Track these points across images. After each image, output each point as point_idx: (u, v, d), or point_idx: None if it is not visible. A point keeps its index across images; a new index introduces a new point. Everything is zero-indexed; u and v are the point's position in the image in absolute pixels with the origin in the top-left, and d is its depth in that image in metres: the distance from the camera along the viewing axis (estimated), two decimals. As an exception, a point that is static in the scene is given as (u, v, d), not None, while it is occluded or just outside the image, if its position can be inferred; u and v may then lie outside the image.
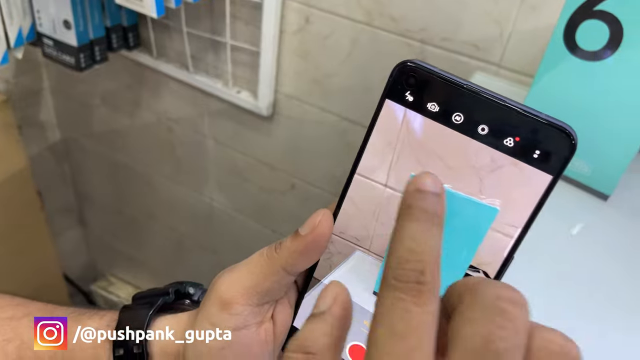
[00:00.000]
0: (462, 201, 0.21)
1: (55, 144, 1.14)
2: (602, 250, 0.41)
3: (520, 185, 0.20)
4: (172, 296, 0.30)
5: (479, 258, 0.22)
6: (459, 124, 0.20)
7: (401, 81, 0.21)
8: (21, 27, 0.74)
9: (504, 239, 0.21)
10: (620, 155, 0.42)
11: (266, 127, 0.84)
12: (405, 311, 0.15)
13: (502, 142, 0.20)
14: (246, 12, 0.73)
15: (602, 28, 0.39)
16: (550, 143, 0.19)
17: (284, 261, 0.24)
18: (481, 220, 0.21)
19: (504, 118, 0.19)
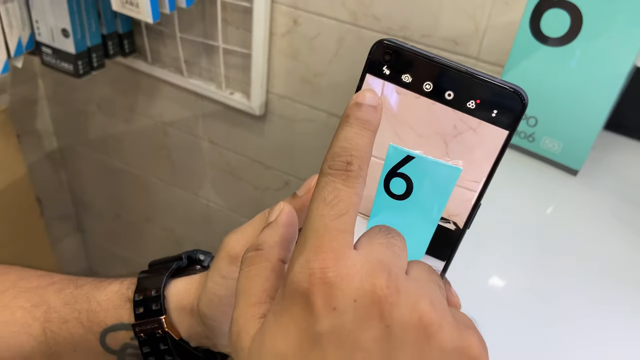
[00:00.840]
0: (431, 164, 0.25)
1: (52, 152, 1.16)
2: (574, 221, 0.45)
3: (481, 144, 0.23)
4: (185, 261, 0.34)
5: (449, 211, 0.26)
6: (429, 91, 0.23)
7: (378, 57, 0.23)
8: (20, 37, 0.77)
9: (468, 192, 0.25)
10: (587, 133, 0.46)
11: (259, 126, 0.87)
12: (335, 188, 0.19)
13: (465, 104, 0.23)
14: (237, 16, 0.77)
15: (564, 16, 0.43)
16: (505, 103, 0.22)
17: None
18: (448, 179, 0.24)
19: (466, 84, 0.22)
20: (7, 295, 0.34)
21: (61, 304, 0.33)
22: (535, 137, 0.48)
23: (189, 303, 0.30)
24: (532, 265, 0.41)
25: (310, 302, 0.17)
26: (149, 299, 0.31)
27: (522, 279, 0.40)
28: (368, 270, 0.18)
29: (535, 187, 0.47)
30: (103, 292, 0.33)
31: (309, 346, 0.17)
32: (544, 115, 0.47)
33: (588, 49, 0.43)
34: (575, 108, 0.45)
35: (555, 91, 0.46)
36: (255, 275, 0.20)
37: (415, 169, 0.25)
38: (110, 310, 0.32)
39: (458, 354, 0.18)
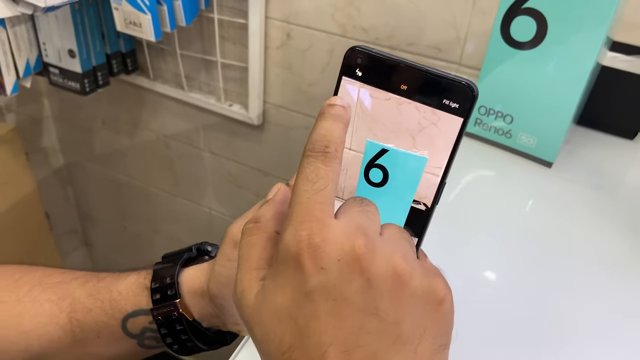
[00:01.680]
0: (402, 155, 0.29)
1: (59, 169, 1.21)
2: (551, 209, 0.48)
3: (442, 135, 0.27)
4: (194, 252, 0.37)
5: (419, 194, 0.30)
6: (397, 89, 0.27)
7: (352, 62, 0.27)
8: (28, 59, 0.81)
9: (433, 177, 0.29)
10: (558, 127, 0.50)
11: (257, 135, 0.91)
12: (316, 167, 0.23)
13: (427, 98, 0.27)
14: (233, 32, 0.81)
15: (531, 22, 0.47)
16: (459, 94, 0.26)
17: None
18: (417, 167, 0.28)
19: (427, 81, 0.26)
20: (35, 291, 0.38)
21: (85, 295, 0.37)
22: (512, 134, 0.53)
23: (199, 287, 0.34)
24: (514, 253, 0.44)
25: (301, 264, 0.21)
26: (164, 286, 0.34)
27: (506, 267, 0.43)
28: (348, 233, 0.22)
29: (515, 178, 0.51)
30: (123, 283, 0.36)
31: (302, 300, 0.21)
32: (518, 113, 0.51)
33: (554, 51, 0.47)
34: (546, 105, 0.50)
35: (527, 91, 0.50)
36: (254, 244, 0.24)
37: (390, 160, 0.29)
38: (130, 298, 0.36)
39: (427, 296, 0.22)
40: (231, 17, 0.79)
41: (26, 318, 0.37)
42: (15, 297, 0.37)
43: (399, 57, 0.27)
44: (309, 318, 0.21)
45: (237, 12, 0.79)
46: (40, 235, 1.11)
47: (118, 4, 0.69)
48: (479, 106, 0.53)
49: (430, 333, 0.21)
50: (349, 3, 0.72)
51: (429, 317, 0.21)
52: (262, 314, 0.22)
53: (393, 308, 0.21)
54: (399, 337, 0.21)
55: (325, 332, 0.20)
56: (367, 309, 0.21)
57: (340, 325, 0.20)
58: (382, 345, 0.20)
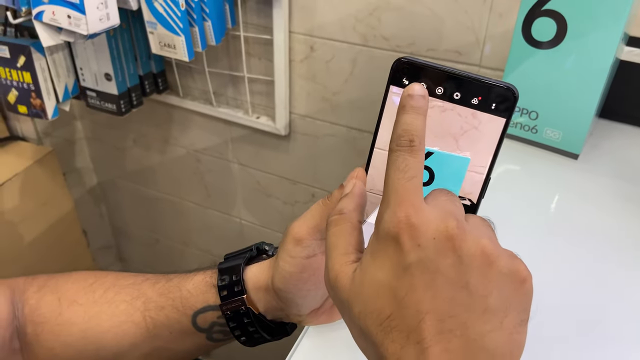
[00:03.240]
0: (446, 157, 0.31)
1: (93, 188, 1.25)
2: (579, 199, 0.51)
3: (484, 136, 0.29)
4: (255, 251, 0.40)
5: (464, 191, 0.32)
6: (441, 94, 0.29)
7: (398, 71, 0.29)
8: (67, 84, 0.86)
9: (478, 175, 0.31)
10: (582, 120, 0.52)
11: (284, 145, 0.95)
12: (405, 159, 0.26)
13: (470, 101, 0.29)
14: (259, 48, 0.85)
15: (551, 23, 0.50)
16: (501, 97, 0.28)
17: (334, 206, 0.31)
18: (460, 167, 0.31)
19: (469, 86, 0.29)
20: (110, 293, 0.41)
21: (156, 294, 0.40)
22: (538, 129, 0.55)
23: (264, 283, 0.37)
24: (545, 245, 0.47)
25: (400, 242, 0.24)
26: (231, 283, 0.38)
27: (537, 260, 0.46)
28: (441, 216, 0.24)
29: (542, 171, 0.54)
30: (191, 282, 0.40)
31: (402, 274, 0.24)
32: (543, 109, 0.54)
33: (574, 49, 0.50)
34: (569, 100, 0.52)
35: (551, 87, 0.53)
36: (341, 233, 0.27)
37: (435, 162, 0.31)
38: (199, 295, 0.39)
39: (512, 275, 0.24)
40: (256, 34, 0.83)
41: (103, 318, 0.40)
42: (91, 299, 0.41)
43: (442, 65, 0.29)
44: (407, 290, 0.23)
45: (262, 29, 0.82)
46: (78, 252, 1.16)
47: (153, 28, 0.73)
48: (504, 105, 0.56)
49: (514, 308, 0.24)
50: (369, 14, 0.75)
51: (513, 294, 0.24)
52: (362, 290, 0.24)
53: (482, 283, 0.23)
54: (486, 310, 0.23)
55: (422, 302, 0.23)
56: (459, 282, 0.23)
57: (435, 296, 0.23)
58: (472, 316, 0.23)
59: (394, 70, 0.30)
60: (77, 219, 1.11)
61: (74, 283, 0.42)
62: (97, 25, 0.67)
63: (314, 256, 0.34)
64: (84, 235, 1.15)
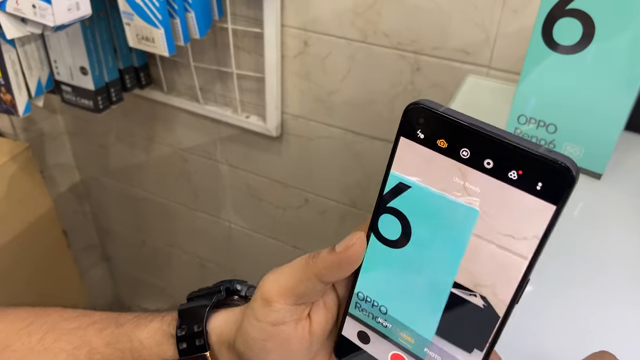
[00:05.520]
0: (433, 198, 0.22)
1: (75, 185, 1.19)
2: (602, 225, 0.45)
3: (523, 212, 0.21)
4: (223, 293, 0.34)
5: (475, 278, 0.21)
6: (466, 159, 0.21)
7: (412, 121, 0.22)
8: (40, 77, 0.79)
9: (505, 254, 0.21)
10: (607, 136, 0.46)
11: (276, 147, 0.88)
12: None
13: (507, 174, 0.20)
14: (248, 42, 0.78)
15: (576, 24, 0.43)
16: (551, 175, 0.20)
17: (318, 271, 0.26)
18: (460, 223, 0.21)
19: (507, 153, 0.20)
20: (49, 338, 0.35)
21: (103, 344, 0.34)
22: (556, 144, 0.49)
23: (228, 338, 0.31)
24: (561, 273, 0.41)
25: None
26: (192, 334, 0.31)
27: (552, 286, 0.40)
28: None
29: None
30: (145, 330, 0.33)
31: None
32: (563, 122, 0.48)
33: (602, 54, 0.43)
34: (593, 112, 0.46)
35: (572, 97, 0.46)
36: None
37: (413, 204, 0.22)
38: (154, 347, 0.32)
39: None
40: (246, 26, 0.76)
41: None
42: (27, 345, 0.34)
43: (472, 119, 0.21)
44: None
45: (252, 21, 0.76)
46: (58, 253, 1.10)
47: (130, 19, 0.66)
48: (519, 115, 0.49)
49: None
50: (368, 7, 0.68)
51: None
52: None
53: None
54: None
55: None
56: None
57: None
58: None
59: (406, 119, 0.22)
60: (57, 218, 1.05)
61: (9, 324, 0.36)
62: (65, 15, 0.60)
63: (284, 324, 0.28)
64: (64, 236, 1.09)
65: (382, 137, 0.78)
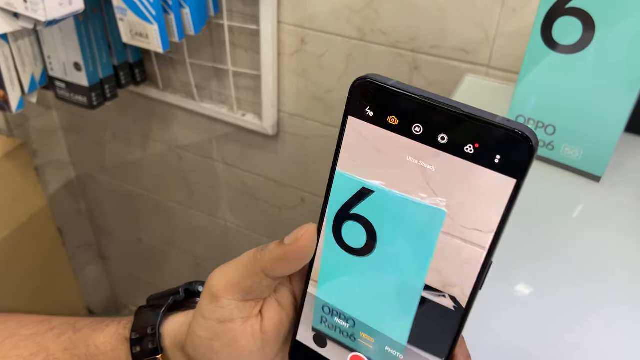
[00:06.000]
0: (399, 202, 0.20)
1: (70, 182, 1.18)
2: (603, 229, 0.44)
3: (483, 189, 0.19)
4: (182, 295, 0.32)
5: (443, 278, 0.20)
6: (419, 136, 0.20)
7: (359, 98, 0.21)
8: (33, 73, 0.78)
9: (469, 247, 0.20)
10: (607, 138, 0.45)
11: (272, 145, 0.87)
12: None
13: (462, 149, 0.19)
14: (244, 39, 0.77)
15: (576, 23, 0.42)
16: (509, 147, 0.18)
17: (264, 265, 0.25)
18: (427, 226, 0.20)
19: (462, 126, 0.19)
20: (6, 346, 0.33)
21: (60, 349, 0.32)
22: (555, 145, 0.48)
23: (181, 341, 0.29)
24: (560, 275, 0.40)
25: None
26: (145, 337, 0.30)
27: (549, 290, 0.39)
28: None
29: (558, 194, 0.47)
30: (101, 335, 0.32)
31: None
32: (562, 123, 0.47)
33: (602, 54, 0.42)
34: (593, 114, 0.45)
35: (571, 98, 0.45)
36: None
37: (377, 210, 0.21)
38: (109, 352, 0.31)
39: None
40: (242, 23, 0.75)
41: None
42: None
43: (423, 92, 0.20)
44: None
45: (248, 18, 0.74)
46: (53, 251, 1.09)
47: (123, 14, 0.65)
48: (517, 116, 0.48)
49: None
50: (366, 5, 0.67)
51: None
52: None
53: None
54: None
55: None
56: None
57: None
58: None
59: (353, 96, 0.21)
60: (51, 216, 1.04)
61: None
62: (56, 10, 0.59)
63: (231, 322, 0.26)
64: (59, 233, 1.08)
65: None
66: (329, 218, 0.22)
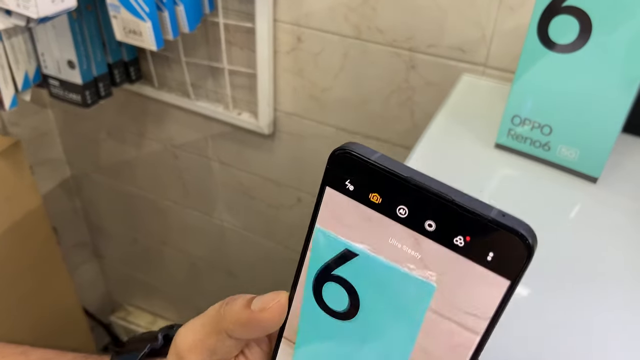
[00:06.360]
0: (383, 269, 0.19)
1: (65, 181, 1.17)
2: (600, 230, 0.43)
3: (473, 283, 0.18)
4: (160, 341, 0.31)
5: (430, 357, 0.19)
6: (404, 218, 0.18)
7: (339, 169, 0.19)
8: (27, 71, 0.78)
9: (465, 334, 0.18)
10: (604, 138, 0.44)
11: (268, 145, 0.86)
12: None
13: (452, 240, 0.17)
14: (240, 37, 0.76)
15: (572, 22, 0.41)
16: (504, 246, 0.17)
17: (227, 325, 0.23)
18: (414, 299, 0.18)
19: (453, 214, 0.17)
20: None
21: None
22: (551, 146, 0.47)
23: None
24: (556, 277, 0.39)
25: None
26: None
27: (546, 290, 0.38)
28: None
29: (554, 196, 0.46)
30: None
31: None
32: (558, 123, 0.46)
33: (600, 54, 0.42)
34: (590, 114, 0.44)
35: (569, 98, 0.44)
36: None
37: (361, 274, 0.19)
38: None
39: None
40: (237, 21, 0.74)
41: None
42: None
43: (411, 170, 0.18)
44: None
45: (244, 16, 0.74)
46: (47, 250, 1.08)
47: (117, 11, 0.64)
48: (513, 115, 0.48)
49: None
50: (363, 2, 0.66)
51: None
52: None
53: None
54: None
55: None
56: None
57: None
58: None
59: (332, 166, 0.19)
60: (46, 215, 1.04)
61: None
62: (49, 7, 0.58)
63: None
64: (54, 232, 1.07)
65: (376, 136, 0.76)
66: (309, 276, 0.21)
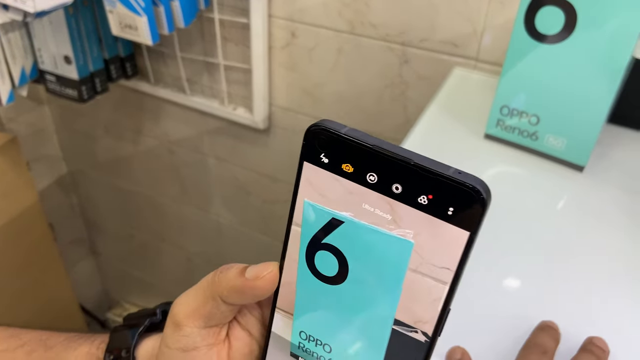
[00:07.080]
0: (367, 232, 0.21)
1: (62, 177, 1.18)
2: (584, 218, 0.44)
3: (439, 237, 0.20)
4: (159, 316, 0.32)
5: (415, 315, 0.21)
6: (373, 183, 0.20)
7: (314, 144, 0.21)
8: (24, 66, 0.78)
9: (440, 287, 0.20)
10: (590, 128, 0.45)
11: (263, 140, 0.87)
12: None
13: (416, 199, 0.19)
14: (235, 32, 0.77)
15: (558, 13, 0.42)
16: (461, 201, 0.19)
17: (221, 291, 0.24)
18: (395, 256, 0.20)
19: (415, 177, 0.19)
20: None
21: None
22: (539, 136, 0.48)
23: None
24: (543, 267, 0.40)
25: None
26: (119, 359, 0.29)
27: (534, 280, 0.39)
28: None
29: (542, 184, 0.47)
30: (73, 354, 0.31)
31: None
32: (545, 113, 0.47)
33: (585, 45, 0.43)
34: (576, 104, 0.45)
35: (555, 88, 0.45)
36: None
37: (347, 240, 0.21)
38: None
39: None
40: (232, 16, 0.75)
41: None
42: None
43: (378, 140, 0.20)
44: None
45: (239, 11, 0.75)
46: (44, 247, 1.08)
47: (113, 6, 0.65)
48: (501, 106, 0.49)
49: None
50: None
51: None
52: None
53: None
54: None
55: None
56: None
57: None
58: None
59: (307, 142, 0.21)
60: (42, 211, 1.04)
61: None
62: (45, 2, 0.59)
63: (195, 350, 0.25)
64: (51, 229, 1.07)
65: (370, 130, 0.77)
66: (302, 246, 0.22)
